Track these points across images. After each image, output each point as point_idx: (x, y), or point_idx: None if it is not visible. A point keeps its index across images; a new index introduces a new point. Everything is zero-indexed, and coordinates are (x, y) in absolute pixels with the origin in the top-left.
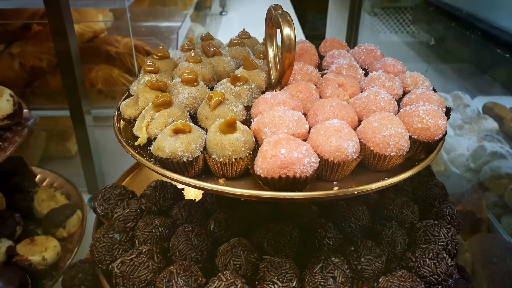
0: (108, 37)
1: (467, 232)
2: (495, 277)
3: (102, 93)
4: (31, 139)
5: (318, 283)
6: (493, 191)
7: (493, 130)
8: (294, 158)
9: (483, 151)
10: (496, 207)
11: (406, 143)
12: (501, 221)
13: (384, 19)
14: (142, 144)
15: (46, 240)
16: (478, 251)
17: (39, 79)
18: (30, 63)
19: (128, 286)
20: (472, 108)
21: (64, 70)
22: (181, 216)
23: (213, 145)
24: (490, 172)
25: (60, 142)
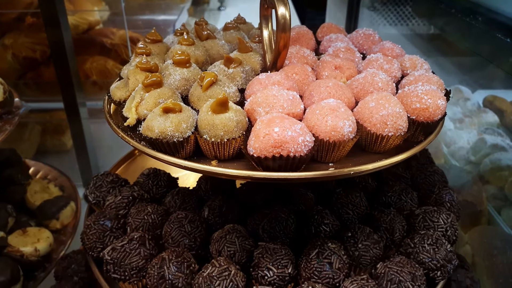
0: (103, 29)
1: (467, 225)
2: (495, 269)
3: (97, 84)
4: (26, 132)
5: (314, 269)
6: (494, 184)
7: (493, 124)
8: (288, 136)
9: (484, 143)
10: (496, 199)
11: (404, 123)
12: (501, 213)
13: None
14: (131, 125)
15: (39, 231)
16: (478, 243)
17: (32, 70)
18: (23, 54)
19: (119, 273)
20: (473, 101)
21: (58, 61)
22: (175, 204)
23: (205, 125)
24: (491, 165)
25: (55, 136)
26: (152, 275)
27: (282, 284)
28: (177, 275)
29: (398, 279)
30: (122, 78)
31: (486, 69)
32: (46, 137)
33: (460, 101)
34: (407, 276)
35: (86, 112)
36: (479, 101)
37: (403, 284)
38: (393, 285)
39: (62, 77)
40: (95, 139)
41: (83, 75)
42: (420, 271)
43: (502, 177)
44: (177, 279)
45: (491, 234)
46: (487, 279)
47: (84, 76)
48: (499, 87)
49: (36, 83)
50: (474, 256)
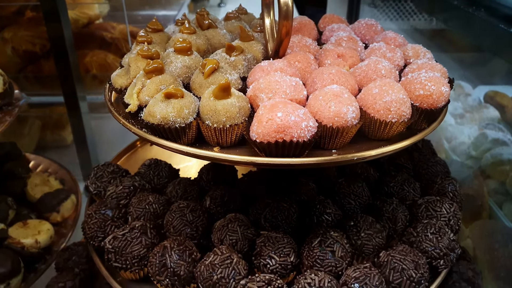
0: (103, 23)
1: (468, 219)
2: (496, 263)
3: (97, 78)
4: (26, 127)
5: (317, 257)
6: (495, 178)
7: (494, 119)
8: (291, 121)
9: (485, 138)
10: (498, 194)
11: (408, 109)
12: (502, 207)
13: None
14: (132, 111)
15: (39, 223)
16: (480, 237)
17: (32, 64)
18: (22, 47)
19: (121, 262)
20: (474, 97)
21: (58, 54)
22: (176, 194)
23: (207, 111)
24: (492, 159)
25: (55, 130)
26: (153, 263)
27: (284, 273)
28: (179, 263)
29: (401, 267)
30: (123, 67)
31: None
32: (46, 132)
33: (461, 97)
34: (410, 264)
35: (86, 106)
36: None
37: (406, 272)
38: (396, 273)
39: (62, 70)
40: (96, 134)
41: (83, 69)
42: (423, 260)
43: (503, 172)
44: (179, 267)
45: (492, 228)
46: (488, 272)
47: (84, 70)
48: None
49: (36, 77)
50: (475, 249)
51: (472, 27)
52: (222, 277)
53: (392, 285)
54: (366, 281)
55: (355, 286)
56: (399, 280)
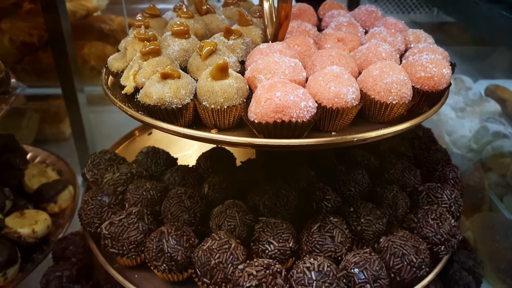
0: (102, 15)
1: (469, 212)
2: (497, 255)
3: (95, 70)
4: (24, 120)
5: (316, 242)
6: (496, 171)
7: (495, 113)
8: (290, 101)
9: (486, 131)
10: (499, 186)
11: (409, 91)
12: (503, 200)
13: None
14: (129, 93)
15: (36, 213)
16: (480, 230)
17: (29, 55)
18: (20, 38)
19: (117, 247)
20: (474, 91)
21: (56, 46)
22: (174, 181)
23: (204, 92)
24: (493, 152)
25: (53, 124)
26: (150, 248)
27: (283, 258)
28: (176, 248)
29: (401, 253)
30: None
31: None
32: (44, 126)
33: (461, 91)
34: (411, 249)
35: (85, 97)
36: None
37: (406, 257)
38: (396, 259)
39: (60, 62)
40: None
41: (81, 60)
42: (423, 245)
43: (504, 164)
44: (176, 252)
45: (493, 220)
46: (489, 264)
47: (82, 61)
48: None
49: (34, 68)
50: (476, 242)
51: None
52: (220, 262)
53: (392, 270)
54: (366, 266)
55: (355, 271)
56: (400, 266)
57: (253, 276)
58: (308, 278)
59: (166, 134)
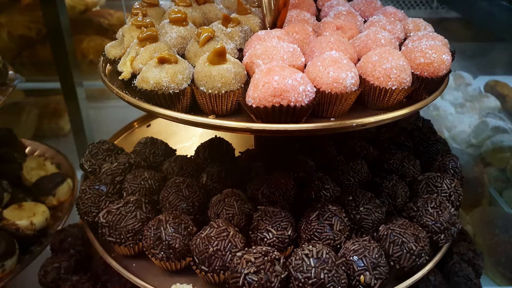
0: (101, 10)
1: (468, 206)
2: (497, 248)
3: (94, 64)
4: (23, 116)
5: (315, 230)
6: (495, 166)
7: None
8: (288, 85)
9: (485, 126)
10: (498, 181)
11: (408, 77)
12: (503, 195)
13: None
14: (126, 79)
15: (35, 205)
16: (480, 224)
17: (28, 49)
18: (18, 32)
19: (115, 236)
20: (474, 87)
21: (54, 40)
22: (172, 171)
23: (202, 77)
24: (492, 146)
25: (52, 119)
26: (148, 236)
27: (281, 246)
28: (174, 236)
29: (401, 241)
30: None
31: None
32: (43, 121)
33: (461, 87)
34: (410, 237)
35: (83, 92)
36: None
37: (406, 245)
38: (395, 247)
39: (58, 56)
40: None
41: (80, 55)
42: (423, 233)
43: (503, 159)
44: (174, 240)
45: (493, 214)
46: (488, 258)
47: (81, 56)
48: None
49: (32, 62)
50: (476, 236)
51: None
52: (218, 249)
53: (392, 258)
54: (365, 253)
55: (354, 258)
56: (399, 253)
57: (251, 263)
58: (307, 265)
59: (164, 126)
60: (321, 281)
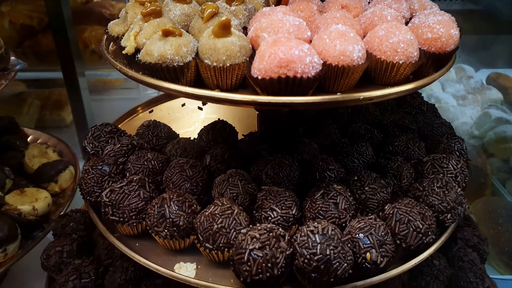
0: (102, 1)
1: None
2: (501, 237)
3: (96, 53)
4: (25, 106)
5: (319, 208)
6: (498, 156)
7: (497, 100)
8: (294, 56)
9: (488, 117)
10: (501, 172)
11: (416, 51)
12: (506, 185)
13: None
14: (129, 53)
15: (37, 191)
16: (483, 213)
17: (29, 38)
18: (20, 21)
19: (118, 215)
20: (476, 79)
21: (56, 29)
22: (175, 152)
23: (206, 50)
24: (495, 137)
25: (54, 111)
26: (152, 214)
27: (286, 225)
28: (178, 213)
29: (407, 219)
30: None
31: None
32: (45, 112)
33: (463, 79)
34: (417, 216)
35: (86, 82)
36: (482, 79)
37: (412, 223)
38: (402, 225)
39: (60, 45)
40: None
41: (82, 44)
42: (429, 212)
43: (506, 150)
44: (178, 218)
45: (496, 204)
46: (492, 247)
47: (83, 45)
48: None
49: (34, 52)
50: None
51: None
52: (223, 226)
53: (398, 236)
54: (371, 231)
55: (360, 236)
56: (405, 232)
57: (256, 239)
58: (312, 241)
59: (167, 112)
60: (327, 257)
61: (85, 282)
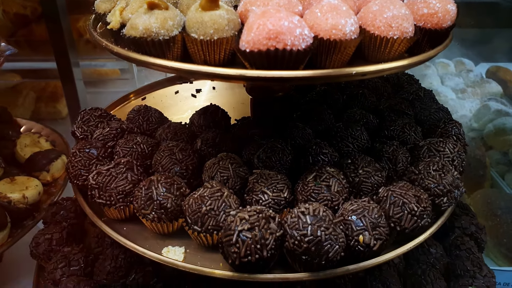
0: None
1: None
2: (499, 229)
3: (90, 43)
4: (20, 98)
5: (311, 191)
6: (497, 149)
7: (497, 94)
8: (284, 27)
9: (487, 109)
10: (500, 164)
11: (411, 26)
12: (505, 178)
13: None
14: (114, 29)
15: (27, 180)
16: (482, 205)
17: (23, 28)
18: (13, 10)
19: (105, 198)
20: (475, 73)
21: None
22: (166, 137)
23: (193, 23)
24: (494, 130)
25: (49, 103)
26: (139, 196)
27: (277, 208)
28: (166, 195)
29: (401, 202)
30: None
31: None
32: (40, 105)
33: (462, 73)
34: (412, 198)
35: (80, 72)
36: (482, 73)
37: (407, 206)
38: (396, 208)
39: (54, 35)
40: None
41: (76, 34)
42: (425, 195)
43: (506, 142)
44: (166, 200)
45: (495, 196)
46: (490, 238)
47: (77, 35)
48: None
49: (28, 41)
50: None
51: None
52: (212, 209)
53: (392, 219)
54: (364, 213)
55: (353, 218)
56: (400, 214)
57: (245, 220)
58: (303, 223)
59: (160, 99)
60: (318, 238)
61: (74, 270)
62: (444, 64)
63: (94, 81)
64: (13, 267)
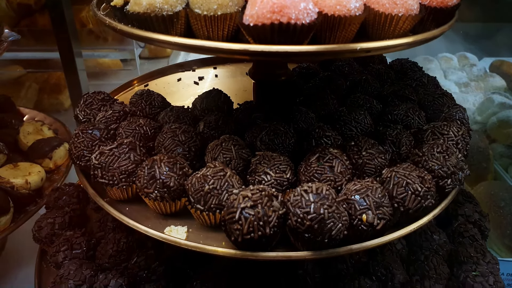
0: None
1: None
2: (503, 220)
3: (93, 33)
4: (23, 90)
5: (314, 171)
6: (500, 142)
7: (500, 88)
8: (288, 1)
9: (491, 102)
10: (503, 157)
11: (416, 3)
12: (508, 170)
13: None
14: (118, 6)
15: (30, 166)
16: (485, 196)
17: (27, 17)
18: (17, 0)
19: (107, 177)
20: (479, 67)
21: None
22: (168, 120)
23: None
24: (498, 122)
25: (52, 94)
26: (142, 176)
27: (280, 189)
28: (169, 174)
29: (405, 182)
30: None
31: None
32: (43, 96)
33: (465, 67)
34: (416, 179)
35: (83, 62)
36: (485, 67)
37: (411, 186)
38: (400, 188)
39: (57, 25)
40: None
41: (79, 24)
42: (429, 176)
43: (509, 135)
44: (169, 179)
45: (498, 187)
46: (493, 230)
47: (80, 25)
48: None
49: (31, 31)
50: None
51: None
52: (215, 187)
53: (396, 200)
54: (367, 193)
55: (356, 197)
56: (404, 195)
57: (248, 198)
58: (306, 200)
59: (162, 86)
60: (321, 216)
61: (76, 253)
62: (447, 59)
63: (97, 72)
64: (15, 252)
